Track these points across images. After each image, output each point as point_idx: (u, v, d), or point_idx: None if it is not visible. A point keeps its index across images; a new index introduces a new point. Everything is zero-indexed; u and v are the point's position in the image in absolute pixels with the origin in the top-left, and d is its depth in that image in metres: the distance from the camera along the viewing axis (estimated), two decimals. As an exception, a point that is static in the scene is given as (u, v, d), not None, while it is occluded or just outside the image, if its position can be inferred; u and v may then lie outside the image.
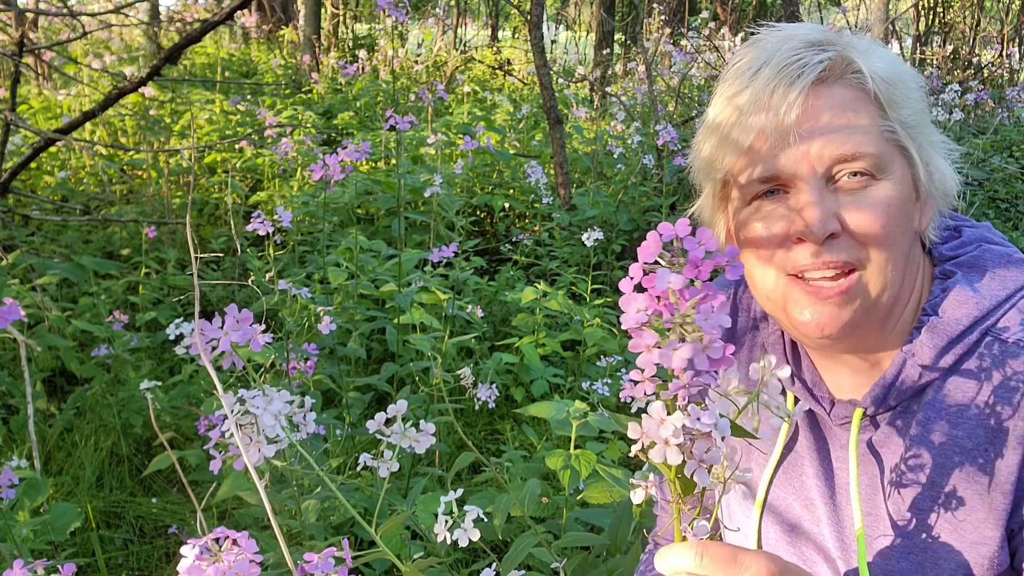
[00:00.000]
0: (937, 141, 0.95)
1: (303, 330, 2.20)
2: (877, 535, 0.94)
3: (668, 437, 0.61)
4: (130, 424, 2.89)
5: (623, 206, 4.67)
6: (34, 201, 4.53)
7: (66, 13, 4.09)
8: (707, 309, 0.59)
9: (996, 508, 0.87)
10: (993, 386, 0.88)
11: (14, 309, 1.69)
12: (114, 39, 9.80)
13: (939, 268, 0.97)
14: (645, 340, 0.60)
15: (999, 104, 7.38)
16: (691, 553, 0.69)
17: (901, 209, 0.89)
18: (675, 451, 0.62)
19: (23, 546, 1.72)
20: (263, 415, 0.89)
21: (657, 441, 0.62)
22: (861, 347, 0.95)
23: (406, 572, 0.95)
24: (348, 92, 7.58)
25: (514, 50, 11.65)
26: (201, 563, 0.79)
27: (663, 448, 0.62)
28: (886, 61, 0.91)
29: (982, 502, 0.87)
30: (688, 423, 0.61)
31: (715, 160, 0.95)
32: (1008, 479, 0.86)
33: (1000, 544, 0.87)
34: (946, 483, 0.89)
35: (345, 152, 2.53)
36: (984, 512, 0.87)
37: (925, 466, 0.91)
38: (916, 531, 0.91)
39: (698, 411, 0.61)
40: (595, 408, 2.29)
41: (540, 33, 5.07)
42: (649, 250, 0.59)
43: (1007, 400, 0.87)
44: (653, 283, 0.59)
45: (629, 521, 1.57)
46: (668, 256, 0.60)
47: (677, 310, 0.59)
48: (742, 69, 0.93)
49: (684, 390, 0.61)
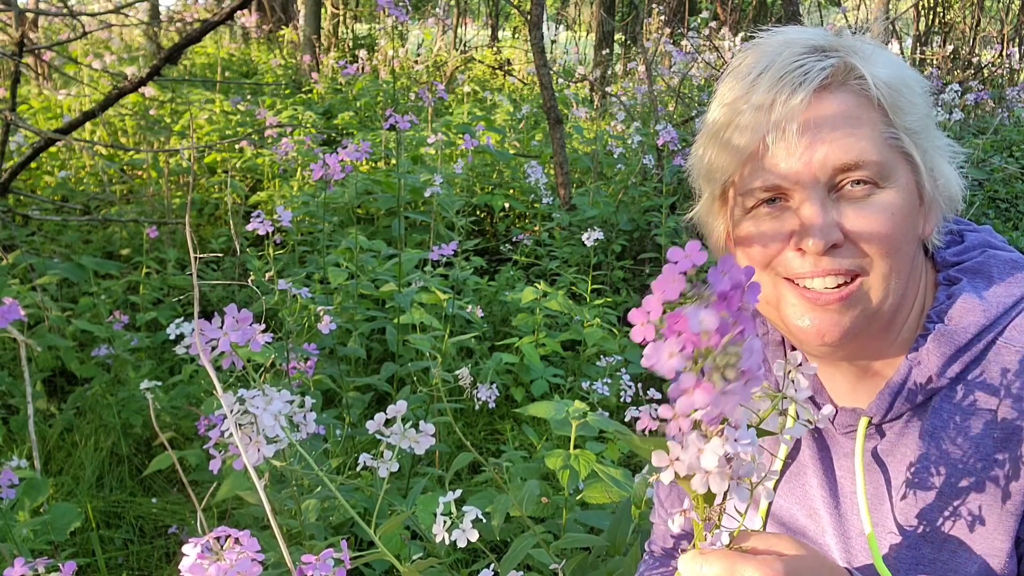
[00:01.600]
0: (942, 145, 0.93)
1: (303, 330, 2.20)
2: (883, 546, 0.92)
3: (711, 468, 0.59)
4: (130, 424, 2.89)
5: (623, 206, 4.67)
6: (34, 201, 4.53)
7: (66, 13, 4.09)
8: (749, 348, 0.55)
9: (1006, 518, 0.85)
10: (1001, 395, 0.86)
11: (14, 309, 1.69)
12: (114, 39, 9.79)
13: (943, 274, 0.96)
14: (684, 384, 0.56)
15: (999, 104, 7.37)
16: (694, 564, 0.69)
17: (905, 217, 0.88)
18: (718, 478, 0.60)
19: (23, 546, 1.72)
20: (263, 415, 0.89)
21: (696, 471, 0.60)
22: (863, 354, 0.94)
23: (405, 572, 0.95)
24: (348, 92, 7.57)
25: (514, 50, 11.65)
26: (203, 562, 0.79)
27: (704, 478, 0.60)
28: (890, 66, 0.90)
29: (991, 512, 0.86)
30: (729, 448, 0.59)
31: (715, 166, 0.94)
32: (1018, 488, 0.84)
33: (1009, 554, 0.86)
34: (954, 493, 0.88)
35: (345, 152, 2.52)
36: (993, 522, 0.86)
37: (932, 476, 0.89)
38: (924, 542, 0.90)
39: (734, 433, 0.59)
40: (595, 408, 2.29)
41: (540, 33, 5.07)
42: (668, 284, 0.55)
43: (1016, 409, 0.86)
44: (680, 322, 0.54)
45: (628, 522, 1.57)
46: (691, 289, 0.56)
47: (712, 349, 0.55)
48: (743, 74, 0.91)
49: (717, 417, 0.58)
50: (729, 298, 0.55)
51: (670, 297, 0.55)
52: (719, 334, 0.55)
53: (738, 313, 0.56)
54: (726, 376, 0.55)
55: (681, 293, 0.55)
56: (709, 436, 0.60)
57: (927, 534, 0.89)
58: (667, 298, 0.55)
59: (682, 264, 0.55)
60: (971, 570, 0.88)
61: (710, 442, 0.59)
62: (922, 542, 0.90)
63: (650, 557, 1.22)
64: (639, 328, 0.56)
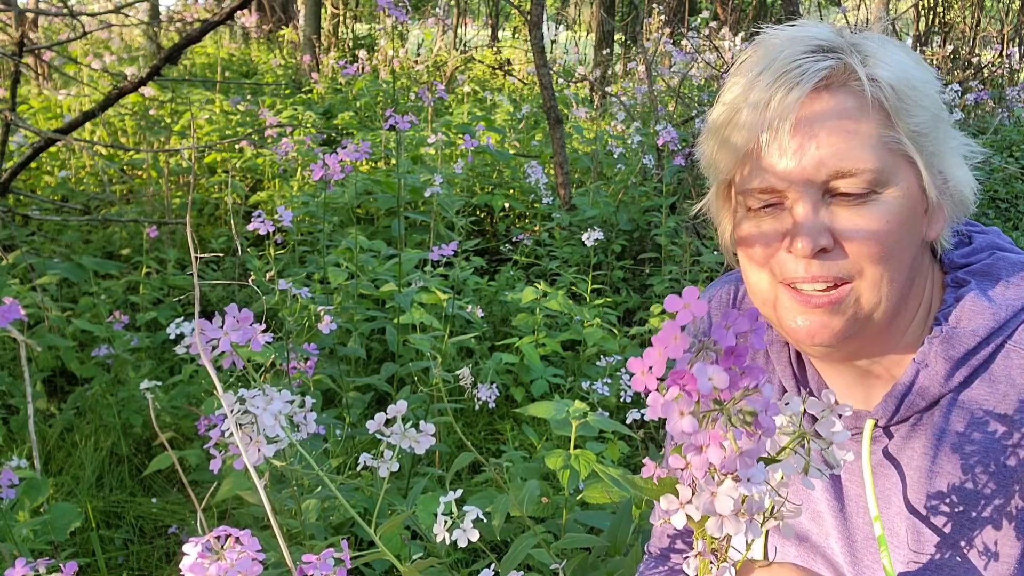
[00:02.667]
0: (956, 145, 0.90)
1: (303, 330, 2.20)
2: (890, 549, 0.91)
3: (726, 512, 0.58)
4: (130, 424, 2.89)
5: (623, 206, 4.67)
6: (34, 201, 4.53)
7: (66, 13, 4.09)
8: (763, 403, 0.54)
9: (1016, 522, 0.85)
10: (1011, 398, 0.85)
11: (14, 309, 1.69)
12: (114, 39, 9.80)
13: (950, 276, 0.95)
14: (697, 442, 0.55)
15: (999, 104, 7.37)
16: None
17: (902, 223, 0.86)
18: (733, 521, 0.59)
19: (23, 546, 1.72)
20: (263, 415, 0.89)
21: (711, 514, 0.59)
22: (864, 356, 0.93)
23: (405, 572, 0.95)
24: (348, 92, 7.57)
25: (514, 50, 11.65)
26: (204, 561, 0.79)
27: (720, 521, 0.59)
28: (896, 67, 0.87)
29: (1001, 516, 0.85)
30: (744, 490, 0.58)
31: (717, 162, 0.94)
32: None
33: (1019, 559, 0.85)
34: (962, 497, 0.87)
35: (345, 152, 2.52)
36: (1004, 527, 0.85)
37: (940, 479, 0.88)
38: (931, 546, 0.89)
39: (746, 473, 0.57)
40: (595, 408, 2.29)
41: (540, 33, 5.07)
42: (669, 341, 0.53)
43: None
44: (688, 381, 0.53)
45: (629, 522, 1.57)
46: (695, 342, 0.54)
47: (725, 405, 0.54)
48: (744, 71, 0.90)
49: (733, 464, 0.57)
50: (737, 353, 0.53)
51: (673, 355, 0.53)
52: (729, 389, 0.53)
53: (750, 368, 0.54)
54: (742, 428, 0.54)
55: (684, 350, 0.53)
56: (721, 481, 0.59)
57: (936, 537, 0.88)
58: (670, 355, 0.53)
59: (682, 317, 0.53)
60: (979, 574, 0.87)
61: (723, 485, 0.58)
62: (930, 545, 0.89)
63: (649, 557, 1.22)
64: (639, 377, 0.54)
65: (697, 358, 0.54)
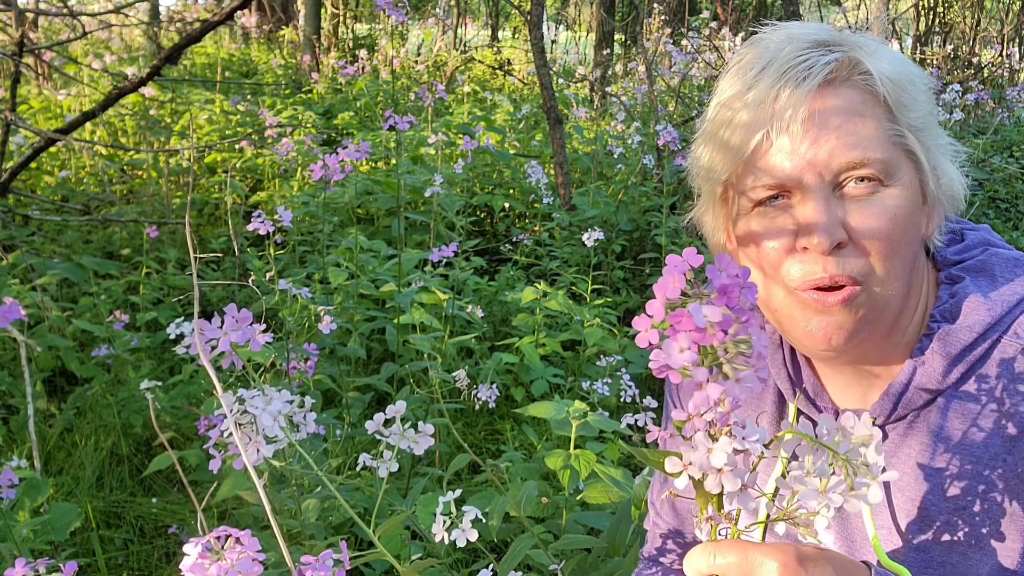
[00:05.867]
0: (944, 144, 0.91)
1: (303, 330, 2.20)
2: (889, 549, 0.91)
3: (721, 465, 0.61)
4: (130, 424, 2.89)
5: (623, 206, 4.67)
6: (34, 201, 4.53)
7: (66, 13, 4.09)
8: (756, 332, 0.59)
9: (1017, 518, 0.84)
10: (1009, 393, 0.85)
11: (14, 309, 1.69)
12: (114, 39, 9.79)
13: (944, 273, 0.94)
14: (698, 378, 0.59)
15: (999, 104, 7.37)
16: (707, 554, 0.69)
17: (908, 216, 0.86)
18: (731, 477, 0.62)
19: (23, 546, 1.72)
20: (262, 415, 0.89)
21: (709, 471, 0.62)
22: (866, 357, 0.93)
23: (405, 572, 0.95)
24: (348, 92, 7.57)
25: (514, 50, 11.65)
26: (204, 561, 0.79)
27: (717, 477, 0.62)
28: (894, 62, 0.88)
29: (1002, 512, 0.85)
30: (737, 445, 0.61)
31: (715, 165, 0.92)
32: None
33: (1022, 554, 0.85)
34: (962, 494, 0.86)
35: (345, 152, 2.53)
36: (1005, 523, 0.85)
37: (939, 477, 0.88)
38: (932, 545, 0.88)
39: (742, 431, 0.61)
40: (595, 408, 2.29)
41: (540, 33, 5.07)
42: (668, 284, 0.58)
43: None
44: (683, 320, 0.57)
45: (628, 523, 1.57)
46: (691, 288, 0.58)
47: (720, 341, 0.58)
48: (744, 70, 0.89)
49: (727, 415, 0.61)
50: (728, 291, 0.58)
51: (671, 296, 0.58)
52: (723, 327, 0.58)
53: (738, 305, 0.58)
54: (737, 365, 0.59)
55: (682, 292, 0.58)
56: (717, 437, 0.62)
57: (936, 536, 0.88)
58: (668, 298, 0.58)
59: (680, 266, 0.58)
60: (982, 572, 0.86)
61: (719, 441, 0.61)
62: (930, 544, 0.89)
63: (642, 560, 1.22)
64: (644, 334, 0.59)
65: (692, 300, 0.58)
